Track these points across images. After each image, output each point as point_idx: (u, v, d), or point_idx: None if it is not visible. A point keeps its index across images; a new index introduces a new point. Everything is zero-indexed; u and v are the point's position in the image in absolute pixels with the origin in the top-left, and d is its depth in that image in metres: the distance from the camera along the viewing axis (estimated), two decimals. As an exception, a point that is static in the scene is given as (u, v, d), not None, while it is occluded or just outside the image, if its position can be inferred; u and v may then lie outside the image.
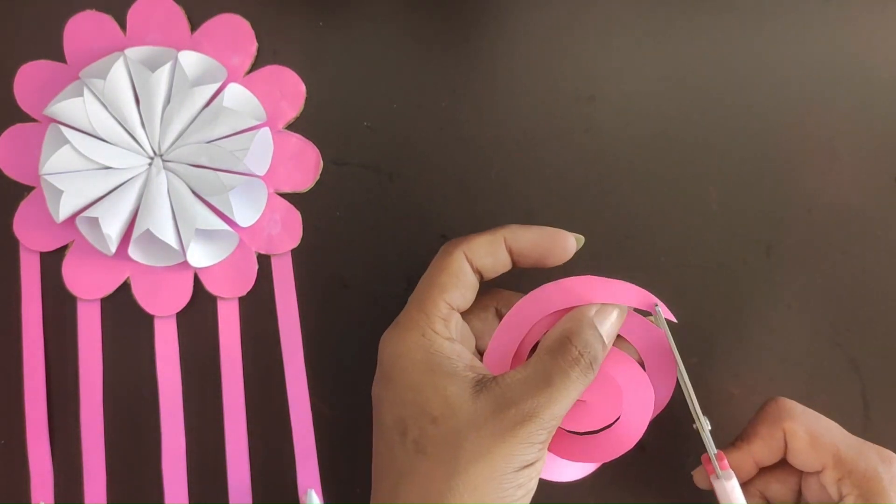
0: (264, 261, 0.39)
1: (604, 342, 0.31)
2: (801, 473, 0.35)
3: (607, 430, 0.33)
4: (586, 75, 0.40)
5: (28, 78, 0.39)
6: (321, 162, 0.39)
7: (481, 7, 0.40)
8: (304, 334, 0.39)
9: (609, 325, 0.32)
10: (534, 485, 0.30)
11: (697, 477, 0.35)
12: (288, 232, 0.39)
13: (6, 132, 0.39)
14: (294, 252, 0.39)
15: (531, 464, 0.29)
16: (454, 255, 0.32)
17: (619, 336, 0.33)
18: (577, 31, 0.40)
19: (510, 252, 0.33)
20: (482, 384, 0.30)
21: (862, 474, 0.32)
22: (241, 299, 0.39)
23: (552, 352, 0.30)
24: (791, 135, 0.40)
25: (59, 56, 0.39)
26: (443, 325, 0.31)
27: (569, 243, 0.33)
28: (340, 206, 0.39)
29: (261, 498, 0.39)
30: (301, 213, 0.39)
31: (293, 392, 0.39)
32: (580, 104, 0.40)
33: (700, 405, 0.33)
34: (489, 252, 0.32)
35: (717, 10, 0.40)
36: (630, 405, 0.32)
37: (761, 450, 0.34)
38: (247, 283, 0.39)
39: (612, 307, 0.32)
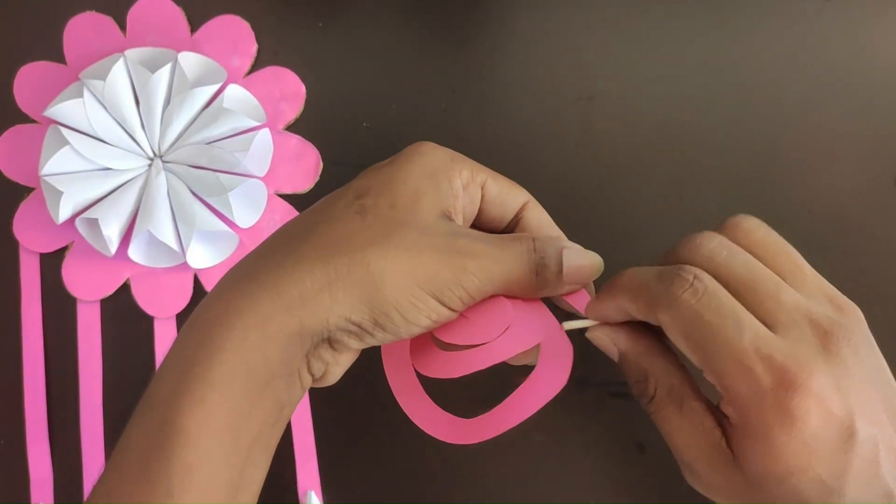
0: (264, 262, 0.39)
1: (559, 258, 0.29)
2: None
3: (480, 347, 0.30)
4: (585, 76, 0.40)
5: (28, 79, 0.39)
6: (321, 163, 0.39)
7: (481, 8, 0.40)
8: (303, 335, 0.39)
9: (575, 254, 0.29)
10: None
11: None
12: (288, 233, 0.39)
13: (6, 133, 0.39)
14: (294, 253, 0.39)
15: (440, 298, 0.27)
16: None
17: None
18: (577, 31, 0.40)
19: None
20: (449, 219, 0.28)
21: (741, 398, 0.25)
22: (240, 300, 0.39)
23: (514, 235, 0.29)
24: (790, 135, 0.40)
25: (58, 57, 0.39)
26: (467, 175, 0.29)
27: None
28: (340, 207, 0.39)
29: (261, 498, 0.39)
30: (301, 214, 0.39)
31: (293, 393, 0.39)
32: (579, 104, 0.40)
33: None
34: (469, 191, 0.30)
35: (716, 11, 0.40)
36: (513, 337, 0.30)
37: (636, 315, 0.28)
38: (247, 284, 0.39)
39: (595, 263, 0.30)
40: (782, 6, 0.40)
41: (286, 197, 0.39)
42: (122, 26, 0.39)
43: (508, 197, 0.31)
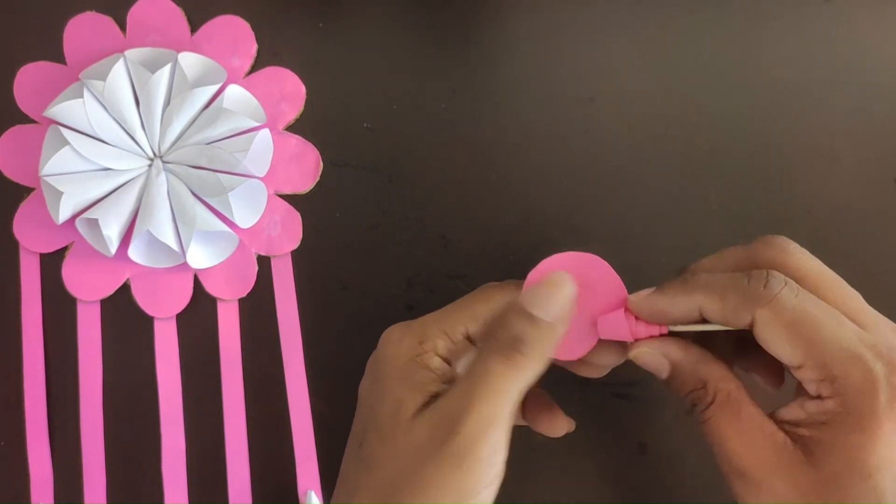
0: (264, 262, 0.39)
1: (534, 319, 0.27)
2: None
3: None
4: (586, 77, 0.40)
5: (28, 79, 0.39)
6: (321, 163, 0.39)
7: (481, 8, 0.40)
8: (303, 335, 0.39)
9: (542, 299, 0.28)
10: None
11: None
12: (288, 233, 0.39)
13: (6, 133, 0.39)
14: (294, 253, 0.39)
15: (482, 489, 0.26)
16: (507, 297, 0.29)
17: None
18: (577, 32, 0.40)
19: None
20: (433, 400, 0.27)
21: (851, 386, 0.25)
22: (240, 301, 0.39)
23: (479, 345, 0.28)
24: (791, 135, 0.40)
25: (59, 57, 0.39)
26: (444, 346, 0.29)
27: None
28: (340, 207, 0.39)
29: (261, 498, 0.39)
30: (301, 215, 0.39)
31: (293, 393, 0.39)
32: (580, 105, 0.40)
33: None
34: None
35: (716, 11, 0.40)
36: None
37: (714, 315, 0.28)
38: (247, 285, 0.39)
39: (546, 282, 0.28)
40: (783, 6, 0.40)
41: (286, 197, 0.39)
42: (122, 26, 0.39)
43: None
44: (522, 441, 0.38)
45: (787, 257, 0.29)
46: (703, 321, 0.29)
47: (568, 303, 0.29)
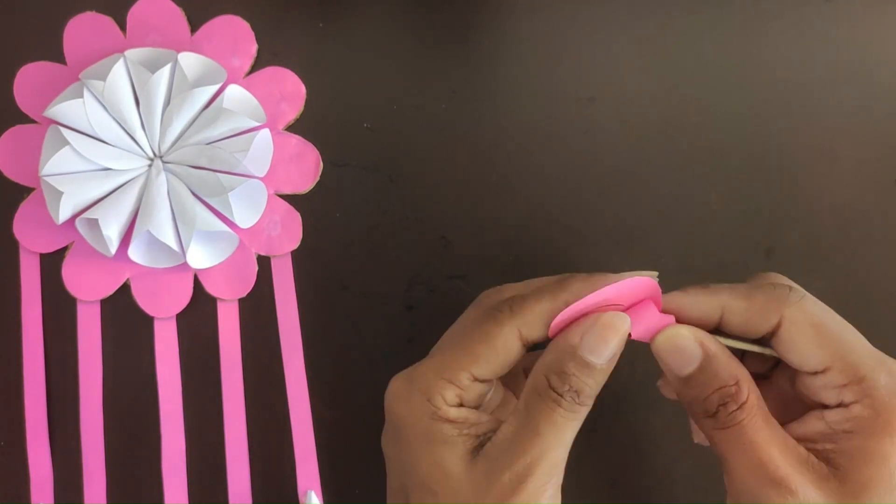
0: (264, 262, 0.39)
1: (591, 366, 0.27)
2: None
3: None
4: (586, 77, 0.40)
5: (28, 79, 0.39)
6: (321, 163, 0.39)
7: (481, 8, 0.40)
8: (303, 336, 0.39)
9: (602, 346, 0.27)
10: None
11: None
12: (288, 233, 0.39)
13: (6, 133, 0.39)
14: (294, 253, 0.39)
15: None
16: (504, 330, 0.28)
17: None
18: (577, 32, 0.40)
19: None
20: (478, 448, 0.28)
21: (880, 387, 0.26)
22: (240, 301, 0.39)
23: (536, 392, 0.28)
24: (791, 136, 0.40)
25: (59, 57, 0.39)
26: (454, 394, 0.28)
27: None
28: (340, 207, 0.39)
29: (261, 498, 0.39)
30: (301, 215, 0.39)
31: (293, 393, 0.39)
32: (580, 105, 0.40)
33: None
34: (547, 323, 0.28)
35: (716, 11, 0.40)
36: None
37: (737, 316, 0.28)
38: (247, 285, 0.39)
39: (605, 325, 0.28)
40: (783, 6, 0.40)
41: (286, 197, 0.39)
42: (122, 26, 0.39)
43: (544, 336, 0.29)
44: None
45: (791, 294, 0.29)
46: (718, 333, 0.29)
47: (622, 344, 0.28)
